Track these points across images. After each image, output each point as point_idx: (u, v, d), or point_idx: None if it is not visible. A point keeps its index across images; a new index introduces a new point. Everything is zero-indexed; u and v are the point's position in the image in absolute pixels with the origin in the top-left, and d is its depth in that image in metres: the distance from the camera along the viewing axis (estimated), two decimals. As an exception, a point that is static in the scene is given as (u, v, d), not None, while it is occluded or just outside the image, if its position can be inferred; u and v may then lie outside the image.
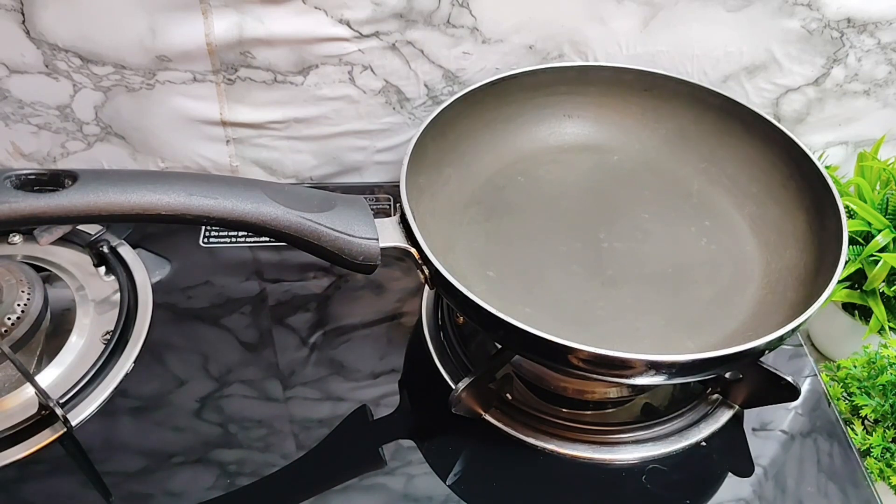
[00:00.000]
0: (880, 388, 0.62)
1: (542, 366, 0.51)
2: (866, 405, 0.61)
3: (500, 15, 0.60)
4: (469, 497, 0.47)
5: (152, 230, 0.64)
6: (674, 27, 0.62)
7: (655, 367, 0.40)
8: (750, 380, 0.50)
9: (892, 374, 0.61)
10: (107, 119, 0.64)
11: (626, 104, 0.62)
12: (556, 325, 0.49)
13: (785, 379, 0.47)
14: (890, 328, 0.68)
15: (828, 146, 0.73)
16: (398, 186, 0.48)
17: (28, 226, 0.60)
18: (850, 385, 0.64)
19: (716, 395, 0.53)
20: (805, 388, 0.55)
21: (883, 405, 0.61)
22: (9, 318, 0.52)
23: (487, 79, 0.58)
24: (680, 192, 0.59)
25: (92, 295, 0.57)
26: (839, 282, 0.51)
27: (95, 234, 0.60)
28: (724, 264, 0.54)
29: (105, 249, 0.59)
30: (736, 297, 0.51)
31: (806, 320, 0.43)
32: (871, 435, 0.60)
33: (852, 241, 0.69)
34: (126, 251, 0.61)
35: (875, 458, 0.59)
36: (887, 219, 0.68)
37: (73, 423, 0.49)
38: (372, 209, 0.47)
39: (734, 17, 0.61)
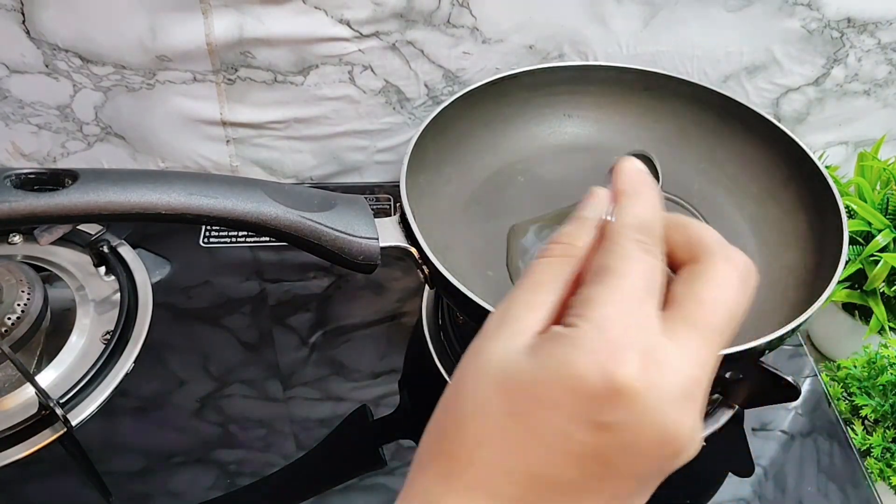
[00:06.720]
0: (880, 388, 0.62)
1: (542, 366, 0.51)
2: (866, 405, 0.61)
3: (500, 15, 0.60)
4: (469, 497, 0.47)
5: (152, 230, 0.64)
6: (674, 27, 0.62)
7: (655, 366, 0.40)
8: (750, 380, 0.49)
9: (892, 374, 0.61)
10: (107, 119, 0.64)
11: (626, 104, 0.62)
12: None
13: (785, 379, 0.47)
14: (890, 328, 0.68)
15: (828, 146, 0.73)
16: (398, 186, 0.48)
17: (28, 225, 0.60)
18: (850, 385, 0.64)
19: (716, 395, 0.52)
20: (805, 388, 0.55)
21: (883, 405, 0.61)
22: (9, 318, 0.52)
23: (487, 79, 0.58)
24: (680, 192, 0.59)
25: (92, 295, 0.57)
26: (839, 282, 0.51)
27: (95, 234, 0.60)
28: (724, 264, 0.53)
29: (105, 249, 0.59)
30: (736, 297, 0.51)
31: (806, 320, 0.43)
32: (872, 435, 0.60)
33: (852, 241, 0.69)
34: (126, 251, 0.61)
35: (875, 458, 0.59)
36: (887, 219, 0.68)
37: (73, 423, 0.49)
38: (372, 209, 0.47)
39: (734, 17, 0.61)
